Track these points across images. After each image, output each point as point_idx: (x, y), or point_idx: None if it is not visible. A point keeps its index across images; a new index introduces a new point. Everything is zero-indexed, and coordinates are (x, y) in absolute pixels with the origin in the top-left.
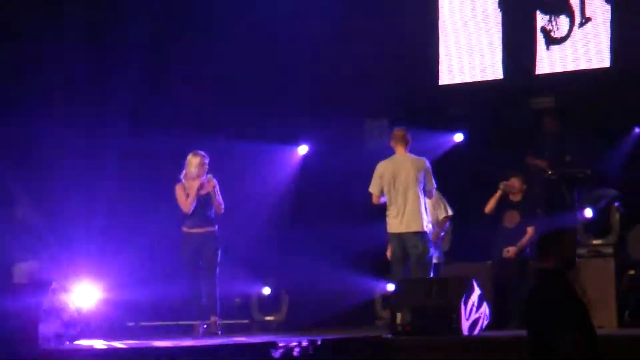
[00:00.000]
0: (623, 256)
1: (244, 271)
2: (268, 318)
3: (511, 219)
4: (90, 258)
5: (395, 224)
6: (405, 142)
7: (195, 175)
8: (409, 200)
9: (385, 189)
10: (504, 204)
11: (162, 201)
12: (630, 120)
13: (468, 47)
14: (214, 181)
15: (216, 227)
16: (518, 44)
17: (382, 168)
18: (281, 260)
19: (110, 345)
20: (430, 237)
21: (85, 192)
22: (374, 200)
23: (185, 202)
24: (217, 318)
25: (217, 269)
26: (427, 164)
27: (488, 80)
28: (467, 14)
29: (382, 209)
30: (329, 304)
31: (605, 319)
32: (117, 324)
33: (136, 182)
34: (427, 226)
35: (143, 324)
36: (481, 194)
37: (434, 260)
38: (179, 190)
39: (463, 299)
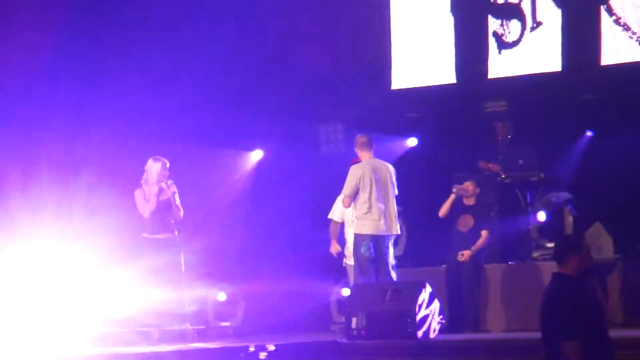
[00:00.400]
0: None
1: (200, 277)
2: (224, 324)
3: (465, 223)
4: None
5: (378, 225)
6: (370, 147)
7: (155, 180)
8: (390, 203)
9: (363, 191)
10: (458, 208)
11: (118, 208)
12: (582, 123)
13: (420, 52)
14: (174, 187)
15: (176, 232)
16: (470, 48)
17: (360, 171)
18: (236, 265)
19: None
20: None
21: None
22: (348, 203)
23: (145, 206)
24: (188, 325)
25: (181, 274)
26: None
27: (441, 85)
28: (419, 19)
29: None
30: (285, 308)
31: None
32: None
33: (90, 189)
34: None
35: (102, 330)
36: (435, 198)
37: None
38: (138, 195)
39: (417, 302)
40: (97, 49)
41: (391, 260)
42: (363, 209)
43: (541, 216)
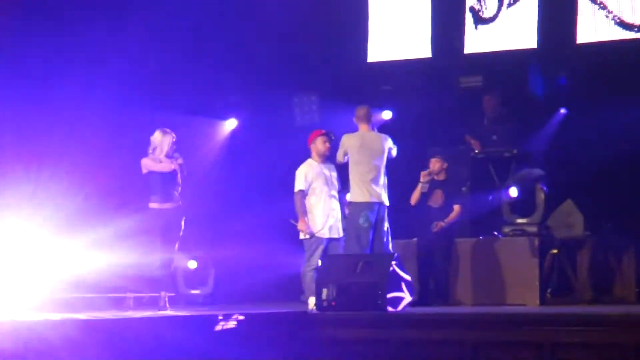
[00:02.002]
0: (547, 235)
1: None
2: (194, 292)
3: (436, 198)
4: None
5: (377, 193)
6: (369, 120)
7: (165, 152)
8: (382, 174)
9: (361, 160)
10: (429, 184)
11: (90, 174)
12: (556, 101)
13: (397, 25)
14: (181, 159)
15: (181, 202)
16: (447, 23)
17: (354, 141)
18: (208, 234)
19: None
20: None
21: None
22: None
23: (161, 166)
24: (166, 293)
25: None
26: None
27: (416, 59)
28: None
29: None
30: (256, 278)
31: (529, 297)
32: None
33: (67, 157)
34: None
35: (70, 295)
36: (408, 172)
37: None
38: (148, 161)
39: (387, 275)
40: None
41: (387, 229)
42: (364, 177)
43: (513, 192)
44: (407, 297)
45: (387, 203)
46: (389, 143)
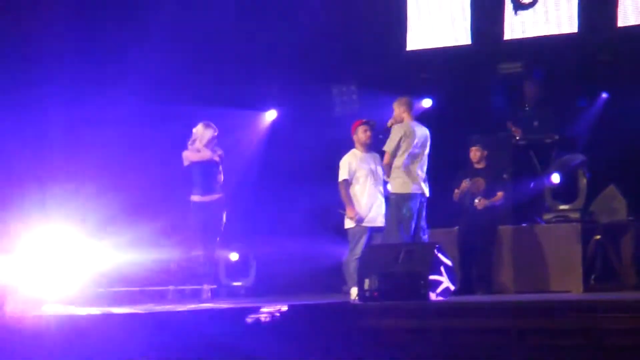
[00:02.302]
0: (590, 221)
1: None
2: (236, 284)
3: (478, 185)
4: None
5: (420, 184)
6: (411, 109)
7: (206, 145)
8: (425, 166)
9: (407, 150)
10: (469, 172)
11: (130, 170)
12: (598, 85)
13: (436, 13)
14: (221, 150)
15: (223, 194)
16: (486, 9)
17: (404, 130)
18: (249, 225)
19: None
20: None
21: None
22: (388, 160)
23: (201, 154)
24: (208, 285)
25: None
26: None
27: (456, 46)
28: None
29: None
30: (298, 269)
31: (572, 284)
32: (86, 291)
33: (104, 149)
34: None
35: (112, 290)
36: (449, 160)
37: None
38: (190, 153)
39: (430, 264)
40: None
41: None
42: (409, 168)
43: (555, 178)
44: (446, 282)
45: (427, 194)
46: (428, 135)
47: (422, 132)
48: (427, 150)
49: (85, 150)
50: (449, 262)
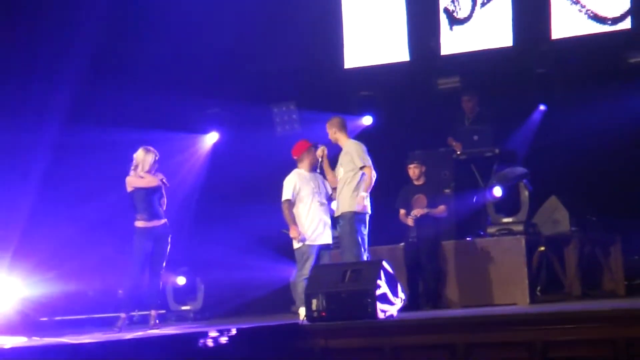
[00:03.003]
0: (533, 233)
1: None
2: (184, 308)
3: (419, 202)
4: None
5: (367, 202)
6: (344, 128)
7: (148, 170)
8: None
9: (365, 169)
10: (410, 191)
11: (73, 198)
12: (534, 97)
13: (373, 30)
14: (162, 175)
15: (166, 219)
16: (422, 25)
17: (363, 148)
18: (195, 249)
19: (33, 342)
20: None
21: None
22: (371, 173)
23: (146, 182)
24: (156, 311)
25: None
26: None
27: (394, 63)
28: None
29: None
30: (245, 291)
31: (518, 296)
32: (31, 320)
33: (53, 177)
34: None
35: (57, 318)
36: (390, 177)
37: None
38: (133, 179)
39: (377, 282)
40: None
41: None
42: (365, 186)
43: (497, 191)
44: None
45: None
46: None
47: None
48: None
49: (23, 179)
50: (394, 280)
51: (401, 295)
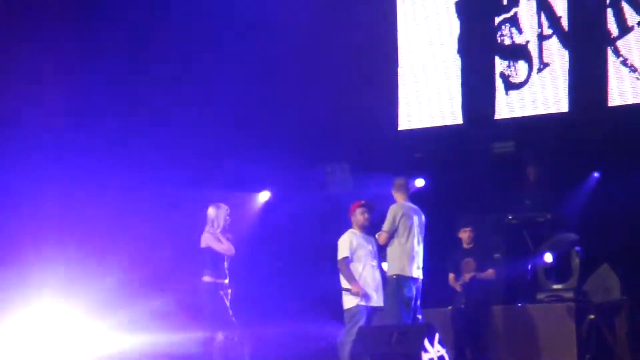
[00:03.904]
0: (583, 301)
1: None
2: None
3: (468, 266)
4: None
5: (417, 269)
6: (407, 190)
7: (223, 226)
8: (421, 248)
9: (404, 232)
10: (459, 254)
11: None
12: (589, 164)
13: (428, 93)
14: (230, 235)
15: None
16: (477, 89)
17: (400, 211)
18: (243, 307)
19: None
20: None
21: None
22: (385, 239)
23: (226, 248)
24: None
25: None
26: None
27: (448, 125)
28: (427, 60)
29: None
30: (291, 350)
31: None
32: None
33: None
34: None
35: None
36: (442, 239)
37: None
38: (212, 239)
39: (423, 345)
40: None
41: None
42: (406, 250)
43: (548, 257)
44: None
45: (422, 277)
46: (423, 217)
47: (417, 213)
48: (421, 232)
49: (83, 226)
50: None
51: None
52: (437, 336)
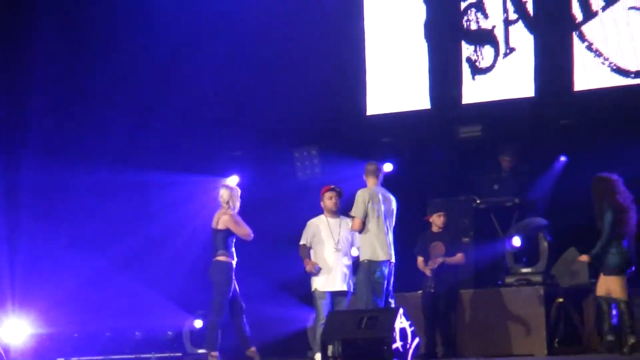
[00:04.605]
0: (552, 284)
1: (176, 304)
2: (200, 351)
3: (437, 250)
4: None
5: (389, 252)
6: (377, 175)
7: (237, 207)
8: (390, 231)
9: (373, 217)
10: (428, 237)
11: (88, 233)
12: (555, 148)
13: (395, 78)
14: None
15: None
16: (444, 74)
17: (368, 196)
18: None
19: None
20: None
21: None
22: (359, 225)
23: (244, 233)
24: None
25: None
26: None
27: (415, 110)
28: (394, 45)
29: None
30: (262, 335)
31: (536, 347)
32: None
33: (64, 215)
34: None
35: (74, 359)
36: (410, 225)
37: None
38: (237, 219)
39: (393, 329)
40: (75, 77)
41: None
42: (376, 234)
43: (516, 241)
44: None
45: (394, 260)
46: (394, 201)
47: (388, 198)
48: (393, 217)
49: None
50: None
51: (415, 342)
52: (404, 320)
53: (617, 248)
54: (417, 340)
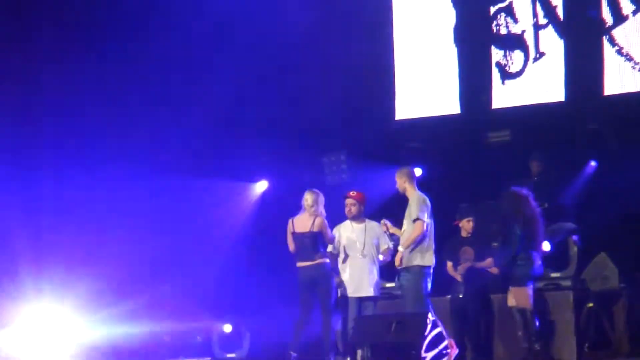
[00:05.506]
0: (582, 289)
1: (205, 309)
2: (230, 355)
3: (466, 254)
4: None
5: (433, 259)
6: (412, 179)
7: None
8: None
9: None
10: (457, 242)
11: (122, 243)
12: (585, 153)
13: (424, 83)
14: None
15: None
16: (474, 79)
17: (426, 199)
18: (242, 296)
19: None
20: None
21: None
22: (424, 228)
23: (332, 237)
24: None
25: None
26: None
27: (445, 115)
28: (423, 50)
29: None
30: (290, 339)
31: (565, 351)
32: None
33: (96, 221)
34: None
35: None
36: (440, 228)
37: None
38: (326, 226)
39: (422, 334)
40: (104, 81)
41: None
42: (431, 240)
43: (545, 246)
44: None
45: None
46: None
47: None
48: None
49: (77, 221)
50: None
51: (448, 348)
52: (437, 325)
53: (524, 260)
54: (456, 350)
